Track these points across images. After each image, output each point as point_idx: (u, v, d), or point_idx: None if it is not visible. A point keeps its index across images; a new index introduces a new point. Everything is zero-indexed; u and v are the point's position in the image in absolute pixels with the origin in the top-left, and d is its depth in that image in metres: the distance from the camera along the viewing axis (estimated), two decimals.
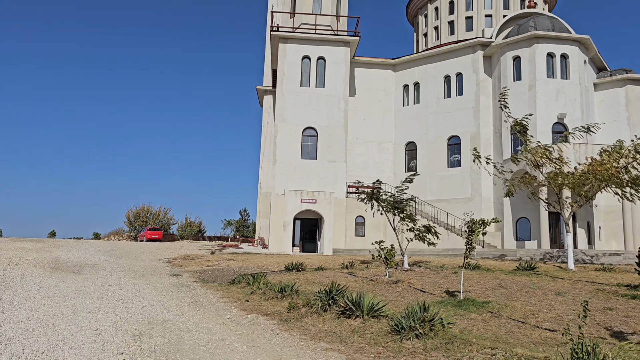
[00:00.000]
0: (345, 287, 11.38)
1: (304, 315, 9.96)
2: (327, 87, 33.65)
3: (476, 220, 11.08)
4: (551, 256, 23.74)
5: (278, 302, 11.42)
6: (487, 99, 33.86)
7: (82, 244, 29.84)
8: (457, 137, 34.36)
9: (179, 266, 19.86)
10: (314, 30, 34.63)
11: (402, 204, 17.67)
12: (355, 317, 9.05)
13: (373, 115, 36.81)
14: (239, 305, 11.40)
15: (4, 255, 19.45)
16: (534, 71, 31.60)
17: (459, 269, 17.69)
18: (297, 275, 15.87)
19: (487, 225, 11.04)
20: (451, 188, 33.90)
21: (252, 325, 9.43)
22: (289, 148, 32.67)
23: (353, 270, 16.80)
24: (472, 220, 11.12)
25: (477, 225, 10.95)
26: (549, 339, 8.06)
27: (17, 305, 10.12)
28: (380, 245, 14.18)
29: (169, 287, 14.03)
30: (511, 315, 9.93)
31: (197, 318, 9.85)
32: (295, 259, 22.81)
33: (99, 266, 18.19)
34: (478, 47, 34.28)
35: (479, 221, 11.04)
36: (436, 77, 35.74)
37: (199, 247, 35.05)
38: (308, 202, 30.61)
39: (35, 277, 14.29)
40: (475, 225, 10.97)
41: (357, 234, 33.02)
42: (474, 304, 10.77)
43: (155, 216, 55.76)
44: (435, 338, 7.56)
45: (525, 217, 30.76)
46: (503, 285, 13.76)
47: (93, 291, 12.47)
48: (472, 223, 11.02)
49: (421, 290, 12.64)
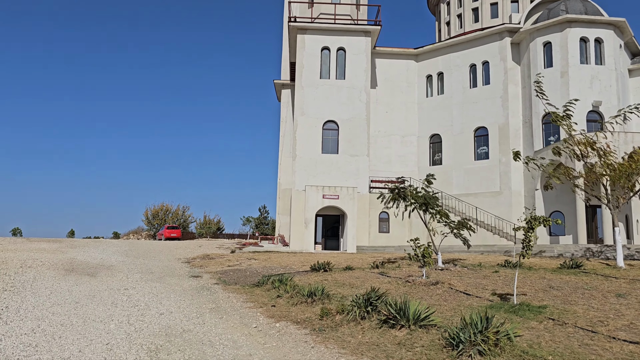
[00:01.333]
0: (385, 291, 10.25)
1: (339, 324, 8.86)
2: (348, 78, 32.45)
3: (537, 217, 9.85)
4: (592, 252, 22.28)
5: (308, 308, 10.35)
6: (516, 88, 32.32)
7: (100, 244, 29.17)
8: (485, 129, 32.88)
9: (198, 266, 18.93)
10: (334, 20, 33.44)
11: (435, 199, 16.43)
12: (400, 327, 7.91)
13: (395, 107, 35.51)
14: (265, 312, 10.35)
15: (18, 257, 18.74)
16: (566, 57, 29.99)
17: (498, 267, 16.43)
18: (325, 276, 14.78)
19: (548, 223, 9.81)
20: (478, 181, 32.47)
21: (282, 336, 8.36)
22: (309, 142, 31.58)
23: (384, 270, 15.64)
24: (533, 216, 9.90)
25: (537, 222, 9.73)
26: (634, 353, 6.84)
27: (23, 315, 9.20)
28: (416, 244, 13.01)
29: (189, 290, 13.06)
30: (576, 322, 8.69)
31: (220, 327, 8.82)
32: (319, 257, 21.73)
33: (116, 267, 17.34)
34: (505, 33, 32.72)
35: (539, 218, 9.82)
36: (461, 66, 34.28)
37: (218, 245, 34.21)
38: (330, 198, 29.50)
39: (47, 281, 13.44)
40: (535, 222, 9.76)
41: (381, 231, 31.82)
42: (530, 308, 9.56)
43: (174, 214, 55.19)
44: (502, 355, 6.40)
45: (559, 210, 29.21)
46: (553, 286, 12.49)
47: (107, 296, 11.54)
48: (532, 219, 9.81)
49: (464, 293, 11.44)
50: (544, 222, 9.74)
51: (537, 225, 9.81)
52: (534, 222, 9.86)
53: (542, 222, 9.71)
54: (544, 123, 30.49)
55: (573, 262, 16.38)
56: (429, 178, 16.74)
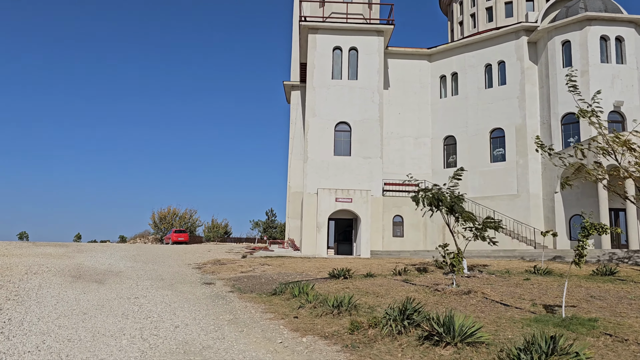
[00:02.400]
0: (417, 302, 9.42)
1: (372, 339, 8.04)
2: (360, 79, 31.66)
3: (595, 224, 9.03)
4: (619, 258, 21.35)
5: (334, 320, 9.55)
6: (533, 88, 31.44)
7: (107, 248, 28.47)
8: (501, 130, 32.01)
9: (210, 272, 18.15)
10: (345, 19, 32.71)
11: (460, 201, 15.58)
12: (445, 345, 7.09)
13: (408, 108, 34.71)
14: (287, 324, 9.55)
15: (24, 263, 18.03)
16: (586, 56, 29.11)
17: (527, 274, 15.57)
18: (345, 284, 13.97)
19: (606, 231, 9.00)
20: (495, 184, 31.58)
21: (312, 353, 7.56)
22: (321, 144, 30.81)
23: (407, 277, 14.81)
24: (590, 223, 9.07)
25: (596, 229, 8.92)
26: None
27: (27, 328, 8.44)
28: (446, 250, 12.18)
29: (203, 299, 12.28)
30: (637, 338, 7.85)
31: (242, 343, 8.03)
32: (334, 263, 20.94)
33: (124, 274, 16.59)
34: (522, 32, 31.88)
35: (597, 225, 9.00)
36: (476, 66, 33.46)
37: (228, 249, 33.46)
38: (343, 201, 28.68)
39: (53, 289, 12.70)
40: (592, 230, 8.94)
41: (395, 235, 30.95)
42: (580, 322, 8.72)
43: (182, 218, 54.50)
44: None
45: (580, 214, 28.23)
46: (594, 295, 11.63)
47: (117, 306, 10.78)
48: (590, 226, 8.98)
49: (502, 303, 10.60)
50: (601, 229, 8.91)
51: (593, 232, 8.98)
52: (590, 229, 9.03)
53: (600, 230, 8.88)
54: (563, 124, 29.60)
55: (606, 269, 15.50)
56: (458, 173, 15.77)
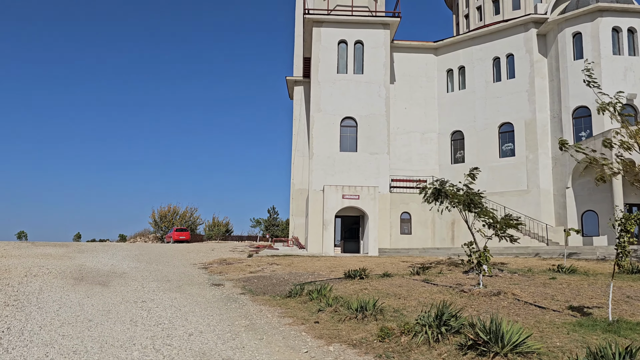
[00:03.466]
0: (460, 307, 8.73)
1: (407, 348, 7.34)
2: (366, 73, 30.93)
3: (633, 215, 8.31)
4: (637, 255, 20.70)
5: (359, 325, 8.86)
6: (543, 81, 30.75)
7: (108, 248, 27.74)
8: (510, 124, 31.33)
9: (217, 273, 17.44)
10: (351, 12, 31.96)
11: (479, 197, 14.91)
12: (493, 355, 6.39)
13: (414, 103, 34.01)
14: (309, 330, 8.85)
15: (23, 264, 17.30)
16: (597, 48, 28.42)
17: (551, 272, 14.90)
18: (363, 285, 13.28)
19: None
20: (504, 180, 30.92)
21: None
22: (327, 140, 30.08)
23: (427, 277, 14.12)
24: (628, 215, 8.34)
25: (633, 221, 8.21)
26: None
27: (28, 338, 7.73)
28: (471, 248, 11.50)
29: (213, 302, 11.58)
30: None
31: (264, 353, 7.33)
32: (345, 261, 20.26)
33: (129, 275, 15.88)
34: (531, 24, 31.17)
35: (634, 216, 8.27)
36: (483, 59, 32.75)
37: (231, 248, 32.75)
38: (350, 198, 27.98)
39: (55, 292, 11.99)
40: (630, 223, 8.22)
41: (403, 232, 30.28)
42: (630, 326, 8.04)
43: (182, 216, 53.76)
44: None
45: (592, 210, 27.60)
46: (630, 295, 10.96)
47: (124, 311, 10.07)
48: (627, 220, 8.26)
49: (536, 305, 9.92)
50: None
51: (633, 226, 8.26)
52: (629, 223, 8.32)
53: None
54: (574, 118, 28.92)
55: (633, 267, 14.85)
56: (473, 173, 15.20)
